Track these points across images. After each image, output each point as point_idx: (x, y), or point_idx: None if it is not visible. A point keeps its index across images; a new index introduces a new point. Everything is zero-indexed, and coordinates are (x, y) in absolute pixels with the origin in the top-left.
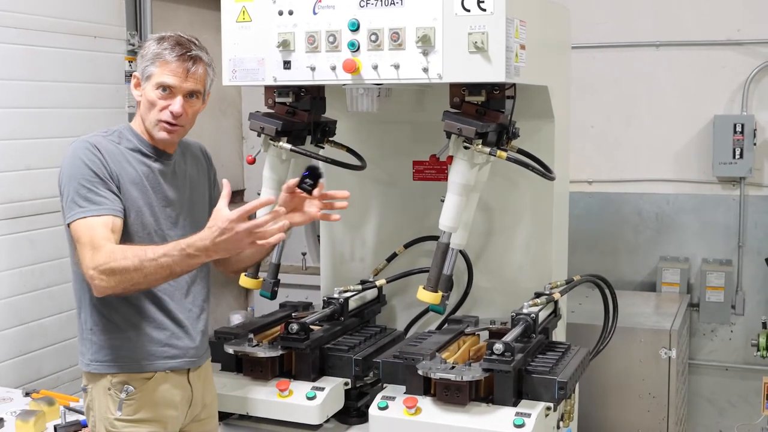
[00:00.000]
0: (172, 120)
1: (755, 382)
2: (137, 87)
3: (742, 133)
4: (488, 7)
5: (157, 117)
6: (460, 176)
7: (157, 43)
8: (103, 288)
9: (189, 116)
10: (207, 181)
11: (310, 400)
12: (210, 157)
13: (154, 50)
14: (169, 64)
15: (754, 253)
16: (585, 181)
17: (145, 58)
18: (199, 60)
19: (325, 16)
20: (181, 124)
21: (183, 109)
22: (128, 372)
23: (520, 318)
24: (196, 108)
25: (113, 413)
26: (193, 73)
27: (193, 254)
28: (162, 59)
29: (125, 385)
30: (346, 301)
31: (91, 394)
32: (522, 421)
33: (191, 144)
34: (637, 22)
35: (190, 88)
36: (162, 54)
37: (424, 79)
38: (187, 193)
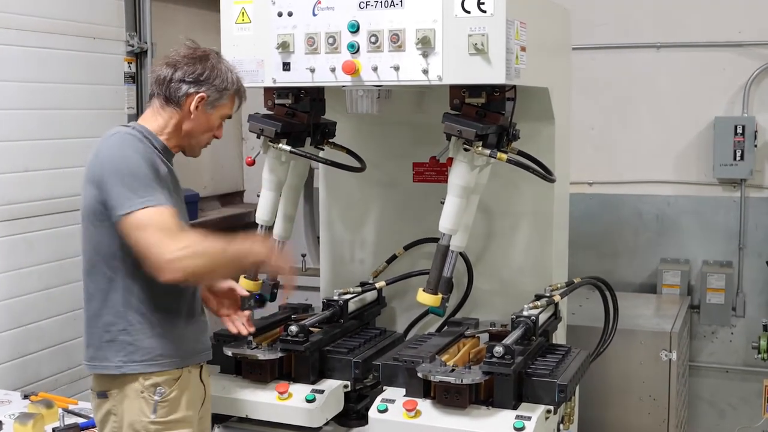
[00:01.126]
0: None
1: (756, 384)
2: (197, 106)
3: (743, 134)
4: (488, 9)
5: (206, 140)
6: (460, 178)
7: (237, 79)
8: (183, 271)
9: None
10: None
11: (309, 403)
12: None
13: (236, 85)
14: (235, 101)
15: (755, 255)
16: (585, 183)
17: (229, 89)
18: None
19: (325, 18)
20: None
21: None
22: (165, 370)
23: (521, 320)
24: None
25: (148, 416)
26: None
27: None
28: (238, 96)
29: (158, 387)
30: (345, 303)
31: (114, 399)
32: (522, 424)
33: None
34: (637, 23)
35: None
36: (240, 91)
37: (424, 80)
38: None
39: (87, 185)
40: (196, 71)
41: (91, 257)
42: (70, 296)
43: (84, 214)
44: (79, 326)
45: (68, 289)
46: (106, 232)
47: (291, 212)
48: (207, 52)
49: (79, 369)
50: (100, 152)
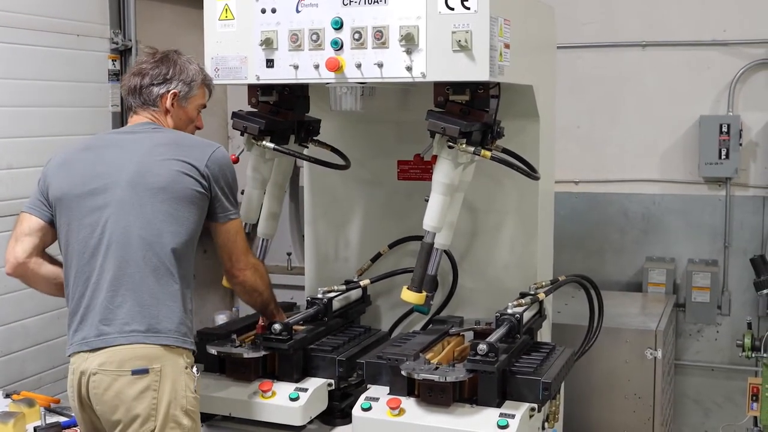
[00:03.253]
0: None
1: (741, 383)
2: (172, 104)
3: (728, 133)
4: (472, 6)
5: (191, 130)
6: (444, 176)
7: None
8: (248, 276)
9: None
10: None
11: (293, 401)
12: None
13: (200, 77)
14: (206, 90)
15: (740, 253)
16: (571, 182)
17: (194, 83)
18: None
19: (309, 15)
20: None
21: None
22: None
23: (505, 318)
24: None
25: (192, 392)
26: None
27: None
28: (206, 84)
29: (193, 366)
30: (330, 302)
31: (157, 374)
32: (506, 422)
33: None
34: (623, 22)
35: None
36: (206, 79)
37: (408, 78)
38: None
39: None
40: (161, 72)
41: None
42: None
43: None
44: (62, 324)
45: None
46: (195, 219)
47: (275, 210)
48: (167, 53)
49: (63, 367)
50: (221, 160)
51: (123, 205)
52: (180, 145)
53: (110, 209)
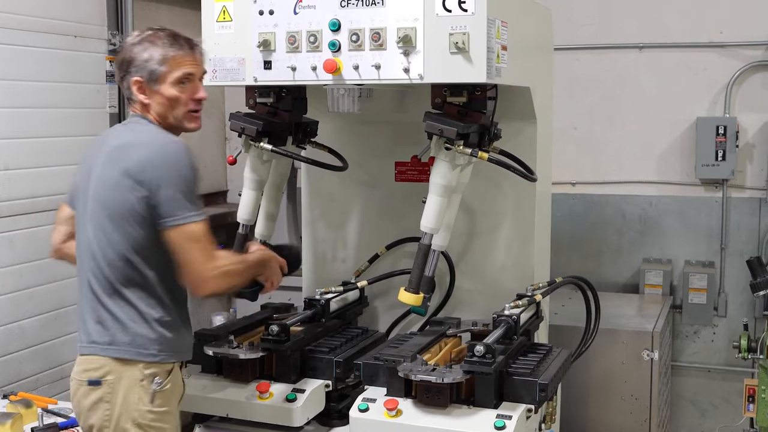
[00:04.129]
0: (197, 107)
1: (737, 384)
2: (141, 92)
3: (725, 135)
4: (469, 8)
5: (185, 109)
6: (442, 177)
7: (152, 44)
8: (216, 290)
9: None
10: None
11: (290, 402)
12: None
13: (158, 53)
14: (183, 57)
15: (737, 255)
16: (568, 183)
17: (150, 61)
18: (198, 44)
19: (306, 16)
20: (203, 107)
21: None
22: (165, 362)
23: (502, 320)
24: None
25: (146, 405)
26: (200, 57)
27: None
28: (172, 56)
29: (156, 377)
30: (327, 303)
31: (113, 385)
32: (503, 423)
33: None
34: (620, 24)
35: (202, 70)
36: (169, 52)
37: (405, 79)
38: None
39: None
40: (119, 64)
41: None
42: (52, 295)
43: (117, 213)
44: (60, 325)
45: (49, 289)
46: (141, 231)
47: (273, 211)
48: (123, 43)
49: (60, 368)
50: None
51: (84, 216)
52: (123, 148)
53: (80, 218)
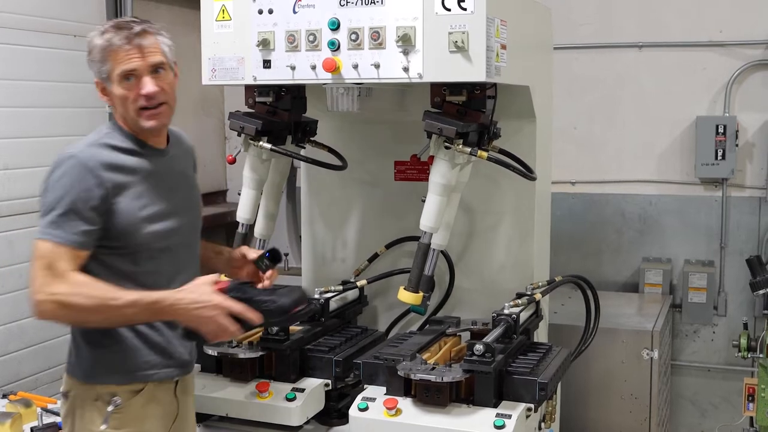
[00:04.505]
0: (148, 103)
1: (737, 383)
2: (104, 94)
3: (725, 134)
4: (469, 7)
5: (134, 108)
6: (441, 176)
7: (100, 37)
8: (47, 316)
9: (167, 90)
10: (195, 177)
11: (290, 402)
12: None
13: (100, 47)
14: (120, 50)
15: (736, 254)
16: (568, 182)
17: (96, 60)
18: (146, 33)
19: (305, 15)
20: (162, 101)
21: (156, 86)
22: (119, 384)
23: (501, 319)
24: (169, 80)
25: (97, 426)
26: (147, 47)
27: (160, 312)
28: (111, 50)
29: (114, 397)
30: (326, 302)
31: (73, 401)
32: (502, 422)
33: (180, 135)
34: (619, 23)
35: (152, 63)
36: (108, 46)
37: (405, 78)
38: (183, 193)
39: None
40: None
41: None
42: None
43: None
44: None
45: None
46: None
47: (272, 210)
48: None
49: (60, 368)
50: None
51: None
52: None
53: None
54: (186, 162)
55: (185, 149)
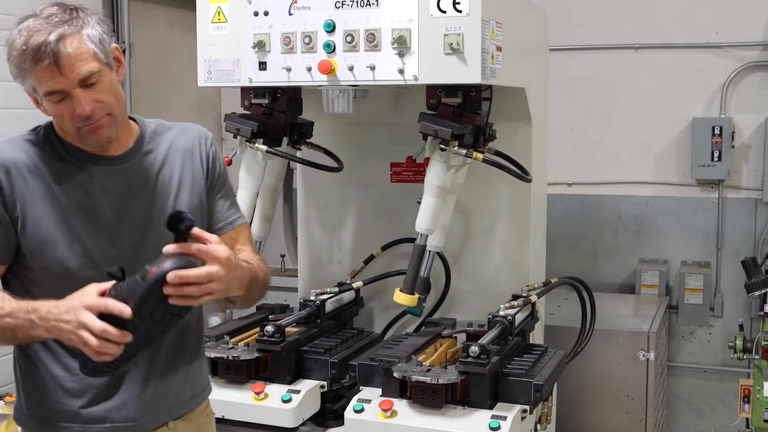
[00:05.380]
0: (86, 123)
1: (733, 384)
2: (37, 103)
3: (721, 135)
4: (464, 9)
5: (73, 127)
6: (436, 178)
7: (9, 50)
8: None
9: (106, 101)
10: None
11: (285, 403)
12: (210, 146)
13: (14, 59)
14: (33, 72)
15: (733, 255)
16: (564, 184)
17: (13, 72)
18: (64, 38)
19: (301, 17)
20: (103, 115)
21: (92, 103)
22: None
23: (497, 320)
24: (107, 85)
25: None
26: (70, 59)
27: (35, 323)
28: (27, 69)
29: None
30: (322, 303)
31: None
32: (498, 424)
33: (183, 131)
34: (615, 24)
35: (77, 79)
36: (21, 66)
37: (400, 80)
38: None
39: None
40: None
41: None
42: None
43: None
44: None
45: None
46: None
47: (268, 212)
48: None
49: None
50: None
51: None
52: None
53: None
54: (175, 166)
55: (184, 149)
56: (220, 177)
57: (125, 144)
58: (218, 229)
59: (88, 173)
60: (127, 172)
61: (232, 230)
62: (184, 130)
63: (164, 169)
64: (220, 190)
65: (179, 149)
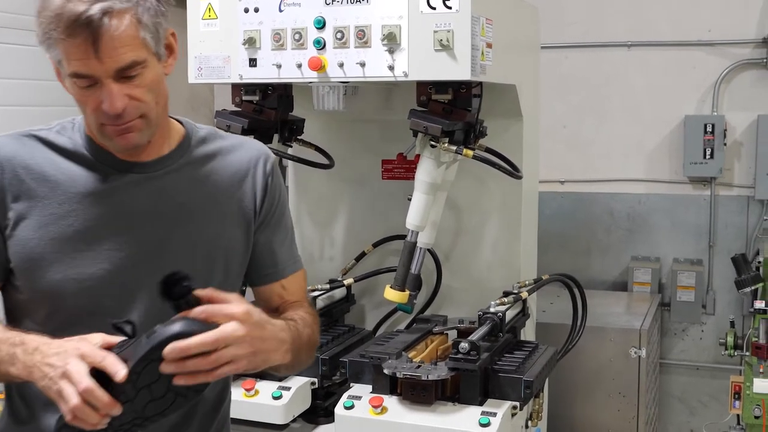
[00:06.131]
0: (115, 122)
1: (725, 381)
2: (59, 77)
3: (713, 133)
4: (454, 5)
5: (95, 121)
6: (427, 174)
7: (42, 4)
8: None
9: (144, 99)
10: (244, 211)
11: (275, 400)
12: (271, 171)
13: (42, 22)
14: (63, 44)
15: (725, 252)
16: (557, 181)
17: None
18: (111, 14)
19: (291, 14)
20: (135, 116)
21: (124, 101)
22: None
23: (487, 317)
24: (150, 79)
25: None
26: (105, 49)
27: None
28: (52, 39)
29: None
30: (314, 300)
31: None
32: (488, 420)
33: (238, 146)
34: (608, 22)
35: (115, 68)
36: (49, 32)
37: (390, 77)
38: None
39: None
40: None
41: None
42: None
43: None
44: None
45: None
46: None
47: None
48: None
49: None
50: None
51: None
52: None
53: None
54: (219, 187)
55: (235, 168)
56: (276, 210)
57: (160, 149)
58: (265, 276)
59: (105, 180)
60: (154, 184)
61: (283, 279)
62: (241, 145)
63: (204, 188)
64: (275, 226)
65: (229, 167)
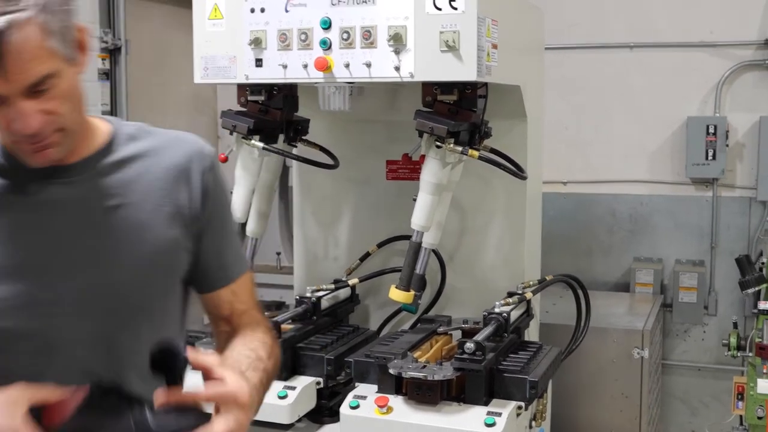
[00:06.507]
0: (31, 141)
1: (728, 382)
2: None
3: (715, 134)
4: (460, 6)
5: (9, 139)
6: (432, 175)
7: None
8: None
9: (58, 114)
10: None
11: (281, 399)
12: (210, 169)
13: None
14: None
15: (727, 253)
16: (559, 182)
17: None
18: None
19: (297, 14)
20: (51, 132)
21: (39, 118)
22: None
23: (492, 317)
24: (60, 91)
25: None
26: (11, 67)
27: None
28: None
29: None
30: (318, 301)
31: None
32: (493, 420)
33: (173, 142)
34: (610, 23)
35: (25, 85)
36: None
37: (396, 77)
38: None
39: None
40: None
41: None
42: None
43: None
44: None
45: None
46: None
47: (264, 209)
48: None
49: None
50: None
51: None
52: None
53: None
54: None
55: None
56: (219, 211)
57: (82, 150)
58: (214, 281)
59: (24, 189)
60: (78, 189)
61: (233, 283)
62: (176, 140)
63: (135, 188)
64: (220, 228)
65: (163, 165)
